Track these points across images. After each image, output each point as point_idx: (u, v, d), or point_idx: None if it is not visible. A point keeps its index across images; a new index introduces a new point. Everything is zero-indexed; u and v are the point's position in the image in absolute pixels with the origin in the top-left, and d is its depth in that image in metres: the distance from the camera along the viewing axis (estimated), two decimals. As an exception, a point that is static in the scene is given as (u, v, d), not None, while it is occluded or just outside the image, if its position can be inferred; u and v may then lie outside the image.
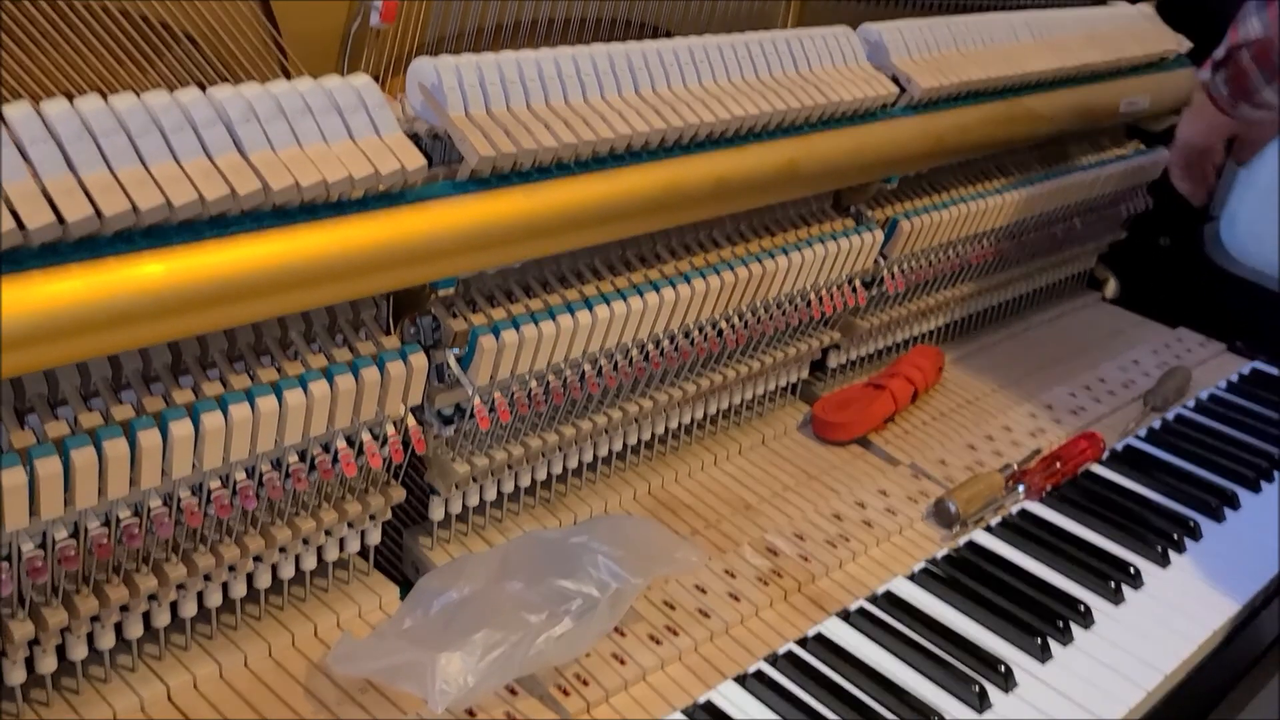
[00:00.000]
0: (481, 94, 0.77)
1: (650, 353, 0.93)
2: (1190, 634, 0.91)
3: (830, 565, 0.94)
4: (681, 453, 1.06)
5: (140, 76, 0.70)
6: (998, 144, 1.19)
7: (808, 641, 0.86)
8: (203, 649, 0.78)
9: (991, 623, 0.89)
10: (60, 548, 0.65)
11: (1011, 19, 1.21)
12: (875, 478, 1.07)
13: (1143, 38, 1.38)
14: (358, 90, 0.70)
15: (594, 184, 0.81)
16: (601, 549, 0.82)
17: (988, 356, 1.34)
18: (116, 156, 0.61)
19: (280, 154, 0.66)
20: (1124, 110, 1.34)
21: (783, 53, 0.96)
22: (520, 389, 0.85)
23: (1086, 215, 1.40)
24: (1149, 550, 1.00)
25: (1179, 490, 1.10)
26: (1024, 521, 1.03)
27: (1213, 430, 1.22)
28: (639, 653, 0.82)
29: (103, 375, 0.68)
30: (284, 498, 0.77)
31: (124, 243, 0.61)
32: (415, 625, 0.77)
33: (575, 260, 0.89)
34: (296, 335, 0.75)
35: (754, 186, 0.93)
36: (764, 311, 1.01)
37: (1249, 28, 1.12)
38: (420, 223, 0.72)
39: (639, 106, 0.84)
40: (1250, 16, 1.13)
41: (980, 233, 1.23)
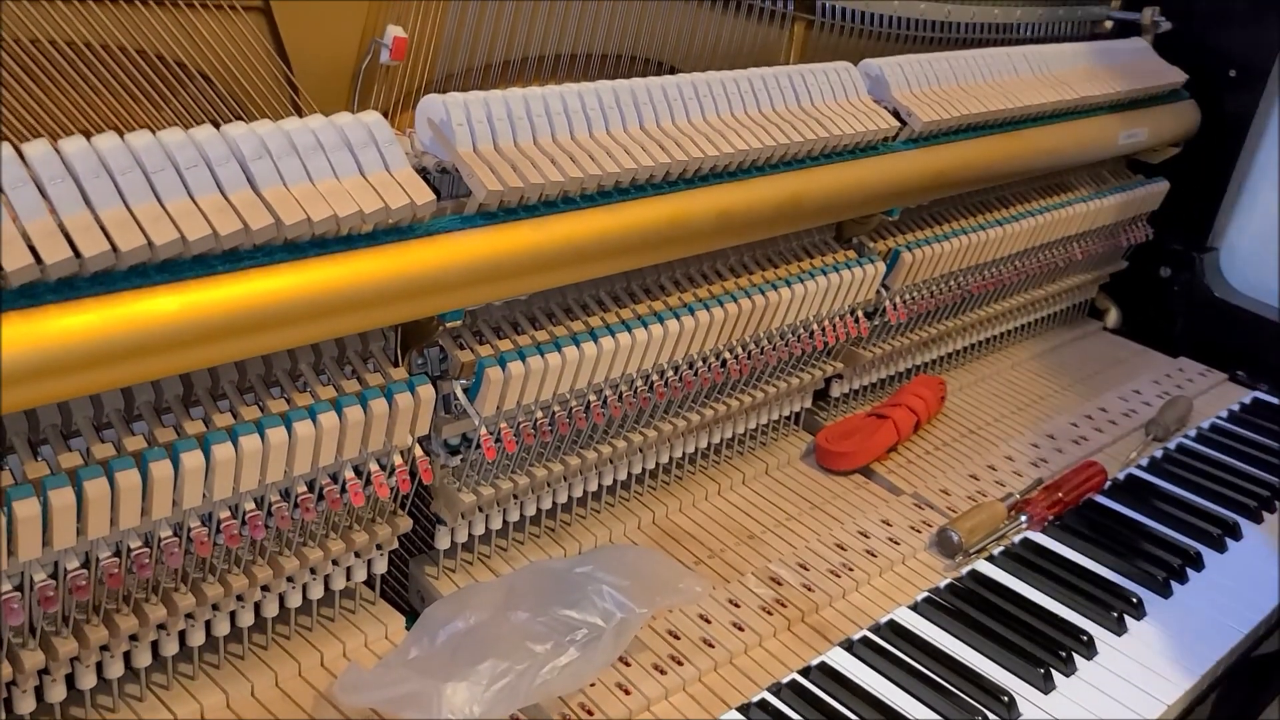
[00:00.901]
0: (489, 130, 0.78)
1: (654, 383, 0.94)
2: (1193, 664, 0.92)
3: (834, 595, 0.94)
4: (685, 482, 1.07)
5: (155, 114, 0.72)
6: (998, 177, 1.21)
7: (811, 671, 0.86)
8: (210, 678, 0.78)
9: (994, 652, 0.90)
10: (71, 577, 0.66)
11: (1011, 53, 1.23)
12: (878, 507, 1.08)
13: (1141, 71, 1.40)
14: (368, 126, 0.72)
15: (599, 218, 0.82)
16: (606, 579, 0.82)
17: (990, 386, 1.35)
18: (132, 193, 0.62)
19: (292, 189, 0.67)
20: (1123, 142, 1.36)
21: (785, 87, 0.98)
22: (526, 419, 0.86)
23: (1087, 245, 1.41)
24: (1151, 580, 1.00)
25: (1181, 520, 1.10)
26: (1027, 551, 1.03)
27: (1214, 460, 1.23)
28: (644, 682, 0.82)
29: (115, 407, 0.69)
30: (292, 527, 0.78)
31: (138, 277, 0.62)
32: (421, 655, 0.77)
33: (581, 292, 0.90)
34: (306, 367, 0.76)
35: (757, 219, 0.94)
36: (767, 342, 1.02)
37: None
38: (428, 256, 0.73)
39: (644, 141, 0.85)
40: None
41: (981, 264, 1.24)
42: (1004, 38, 1.33)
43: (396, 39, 0.79)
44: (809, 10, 1.10)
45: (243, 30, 0.74)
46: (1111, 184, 1.43)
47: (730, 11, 1.03)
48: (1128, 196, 1.42)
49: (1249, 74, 1.47)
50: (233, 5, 0.73)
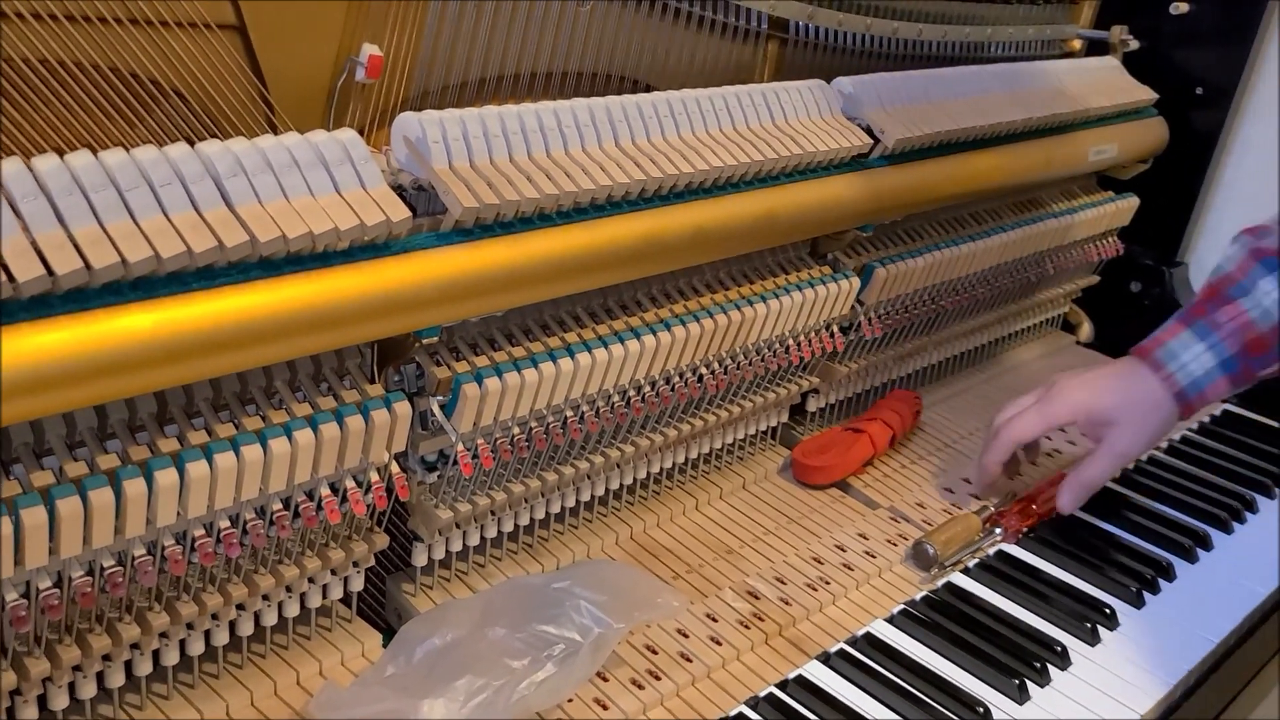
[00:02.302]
0: (465, 147, 0.78)
1: (631, 398, 0.94)
2: (1166, 673, 0.92)
3: (811, 608, 0.95)
4: (663, 497, 1.07)
5: (129, 132, 0.72)
6: (970, 193, 1.22)
7: (788, 684, 0.86)
8: (184, 698, 0.78)
9: (970, 664, 0.90)
10: (44, 596, 0.65)
11: (982, 71, 1.24)
12: (855, 521, 1.08)
13: (1110, 89, 1.42)
14: (343, 144, 0.72)
15: (575, 234, 0.83)
16: (583, 594, 0.82)
17: (965, 400, 1.36)
18: (106, 210, 0.62)
19: (267, 207, 0.67)
20: (1093, 159, 1.38)
21: (759, 105, 0.99)
22: (503, 435, 0.86)
23: (1058, 260, 1.42)
24: (1124, 591, 1.01)
25: (1153, 532, 1.11)
26: (1001, 563, 1.04)
27: (1185, 472, 1.24)
28: (621, 697, 0.82)
29: (89, 425, 0.68)
30: (268, 545, 0.77)
31: (112, 294, 0.62)
32: (398, 672, 0.77)
33: (557, 308, 0.91)
34: (281, 384, 0.75)
35: (732, 235, 0.95)
36: (743, 357, 1.03)
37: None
38: (404, 273, 0.73)
39: (619, 158, 0.86)
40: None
41: (955, 279, 1.25)
42: (975, 56, 1.35)
43: (372, 57, 0.79)
44: (783, 29, 1.11)
45: (217, 48, 0.74)
46: (1082, 200, 1.45)
47: (705, 30, 1.04)
48: (1098, 212, 1.43)
49: (1216, 92, 1.49)
50: (207, 23, 0.73)
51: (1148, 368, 1.00)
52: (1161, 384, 0.99)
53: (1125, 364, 1.02)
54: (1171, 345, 0.99)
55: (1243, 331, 0.95)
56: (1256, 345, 0.95)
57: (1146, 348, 1.01)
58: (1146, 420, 1.00)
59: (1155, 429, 1.00)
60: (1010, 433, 1.06)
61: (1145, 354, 1.01)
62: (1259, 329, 0.95)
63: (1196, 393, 0.98)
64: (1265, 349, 0.95)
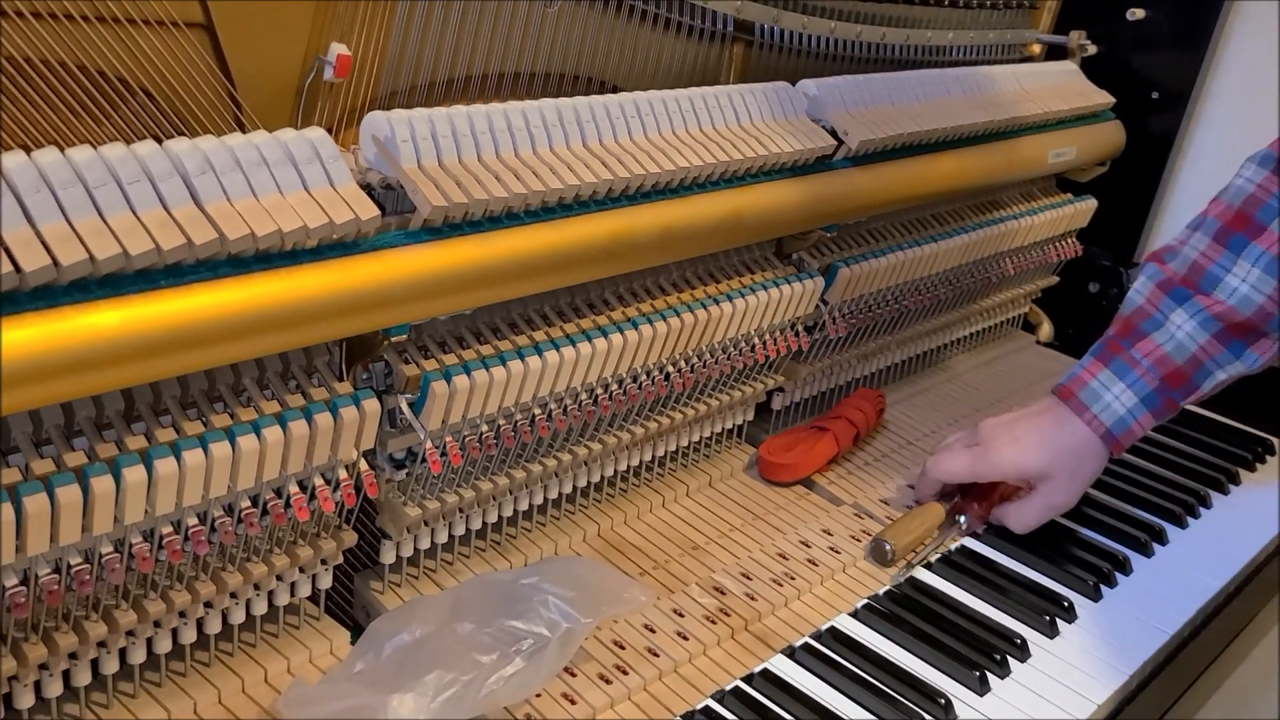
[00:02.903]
0: (434, 146, 0.79)
1: (599, 397, 0.95)
2: (1122, 665, 0.94)
3: (776, 603, 0.96)
4: (630, 495, 1.08)
5: (96, 129, 0.72)
6: (932, 195, 1.24)
7: (754, 678, 0.87)
8: (151, 696, 0.78)
9: (932, 657, 0.92)
10: (10, 595, 0.65)
11: (944, 75, 1.26)
12: (819, 517, 1.10)
13: (1069, 93, 1.44)
14: (312, 143, 0.72)
15: (543, 233, 0.83)
16: (552, 590, 0.83)
17: (927, 399, 1.38)
18: (74, 208, 0.62)
19: (236, 205, 0.68)
20: (1052, 161, 1.40)
21: (725, 106, 1.00)
22: (472, 433, 0.86)
23: (1018, 261, 1.45)
24: (1082, 585, 1.03)
25: (1109, 527, 1.14)
26: (962, 558, 1.06)
27: (1141, 468, 1.27)
28: (589, 692, 0.83)
29: (55, 422, 0.68)
30: (236, 543, 0.77)
31: (80, 292, 0.62)
32: (367, 668, 0.77)
33: (525, 307, 0.91)
34: (250, 381, 0.76)
35: (699, 235, 0.96)
36: (709, 356, 1.04)
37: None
38: (373, 271, 0.74)
39: (587, 158, 0.86)
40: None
41: (917, 279, 1.27)
42: (937, 60, 1.37)
43: (340, 56, 0.80)
44: (748, 32, 1.13)
45: (185, 46, 0.74)
46: (1042, 202, 1.48)
47: (671, 32, 1.05)
48: (1057, 214, 1.46)
49: (1171, 96, 1.52)
50: (175, 22, 0.73)
51: (1072, 411, 1.00)
52: (1087, 427, 1.00)
53: (1050, 410, 1.03)
54: (1093, 386, 1.00)
55: (1159, 366, 0.96)
56: (1175, 378, 0.95)
57: (1069, 389, 1.01)
58: (1079, 470, 1.01)
59: (1087, 476, 1.02)
60: (936, 472, 1.08)
61: (1069, 395, 1.01)
62: (1175, 362, 0.95)
63: (1123, 430, 0.99)
64: (1183, 380, 0.95)
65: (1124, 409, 0.97)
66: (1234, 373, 0.97)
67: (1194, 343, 0.94)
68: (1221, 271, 0.94)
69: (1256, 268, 0.92)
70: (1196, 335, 0.95)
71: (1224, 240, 0.95)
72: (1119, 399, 0.97)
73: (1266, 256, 0.92)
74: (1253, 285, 0.93)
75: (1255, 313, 0.94)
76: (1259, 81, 1.46)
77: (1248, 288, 0.93)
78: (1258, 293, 0.93)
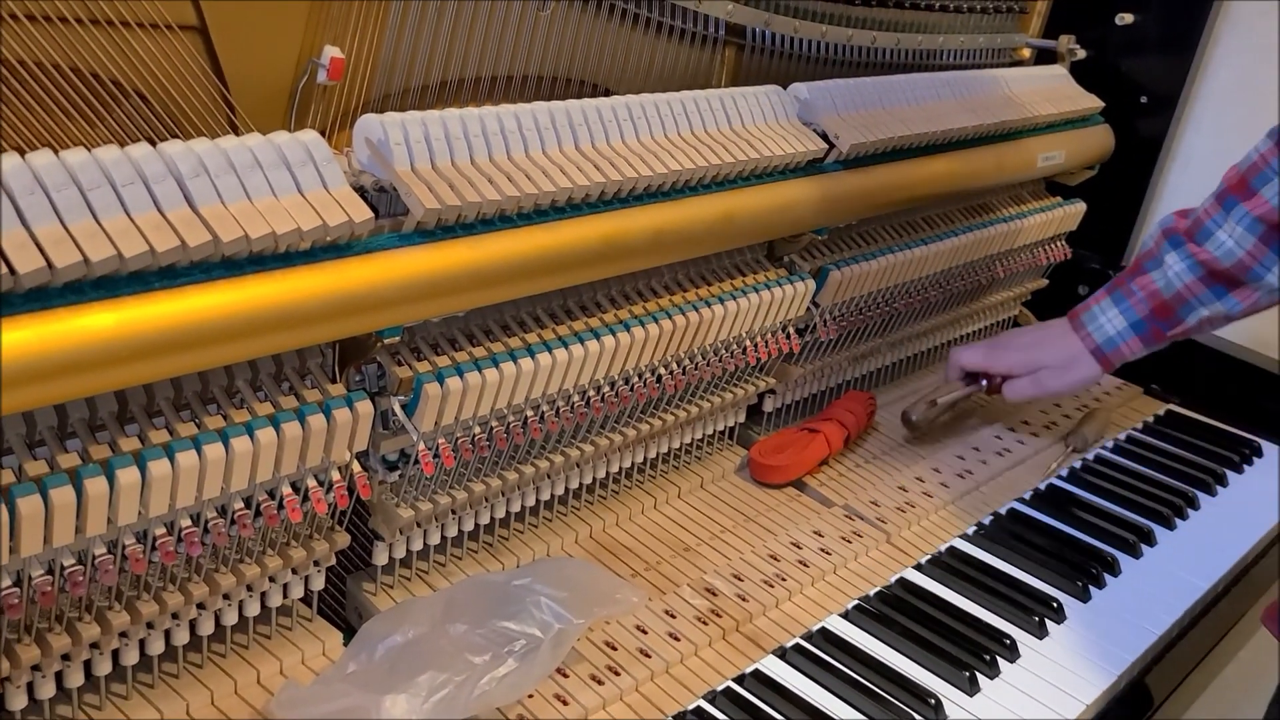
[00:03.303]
0: (427, 149, 0.79)
1: (591, 398, 0.95)
2: (1110, 665, 0.95)
3: (767, 604, 0.97)
4: (622, 496, 1.08)
5: (90, 132, 0.72)
6: (922, 198, 1.24)
7: (745, 678, 0.88)
8: (144, 698, 0.78)
9: (922, 657, 0.92)
10: (3, 596, 0.65)
11: (934, 79, 1.27)
12: (810, 519, 1.10)
13: (1058, 97, 1.45)
14: (306, 145, 0.72)
15: (536, 235, 0.84)
16: (544, 591, 0.83)
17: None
18: (68, 210, 0.62)
19: (230, 207, 0.68)
20: (1041, 165, 1.41)
21: (717, 110, 1.00)
22: (464, 434, 0.87)
23: (1008, 264, 1.46)
24: (1071, 585, 1.04)
25: (1099, 528, 1.14)
26: (952, 559, 1.07)
27: (1131, 470, 1.27)
28: (581, 693, 0.84)
29: (49, 424, 0.68)
30: (229, 544, 0.78)
31: (74, 294, 0.62)
32: (359, 669, 0.77)
33: (518, 309, 0.92)
34: (243, 383, 0.76)
35: (691, 238, 0.96)
36: (701, 358, 1.04)
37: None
38: (366, 273, 0.74)
39: (579, 161, 0.87)
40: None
41: (908, 281, 1.27)
42: (928, 64, 1.37)
43: (334, 59, 0.80)
44: (740, 35, 1.13)
45: (179, 49, 0.74)
46: (1031, 205, 1.48)
47: (663, 36, 1.05)
48: (1047, 217, 1.47)
49: (1160, 100, 1.53)
50: (169, 24, 0.73)
51: (1072, 329, 1.19)
52: (1081, 342, 1.17)
53: (1057, 326, 1.22)
54: (1093, 310, 1.18)
55: (1151, 299, 1.12)
56: (1162, 310, 1.12)
57: (1076, 312, 1.20)
58: (1070, 370, 1.19)
59: (1078, 379, 1.20)
60: (957, 356, 1.28)
61: (1074, 317, 1.20)
62: (1163, 296, 1.12)
63: (1111, 349, 1.16)
64: (1169, 313, 1.12)
65: (1114, 330, 1.15)
66: (1216, 311, 1.11)
67: (1181, 281, 1.10)
68: (1214, 227, 1.09)
69: (1240, 226, 1.07)
70: (1184, 276, 1.11)
71: (1221, 201, 1.10)
72: (1111, 322, 1.15)
73: (1250, 218, 1.06)
74: (1236, 241, 1.08)
75: (1235, 265, 1.08)
76: (1247, 85, 1.47)
77: (1232, 243, 1.08)
78: (1239, 248, 1.07)
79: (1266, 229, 1.05)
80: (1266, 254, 1.06)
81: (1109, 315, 1.15)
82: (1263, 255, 1.06)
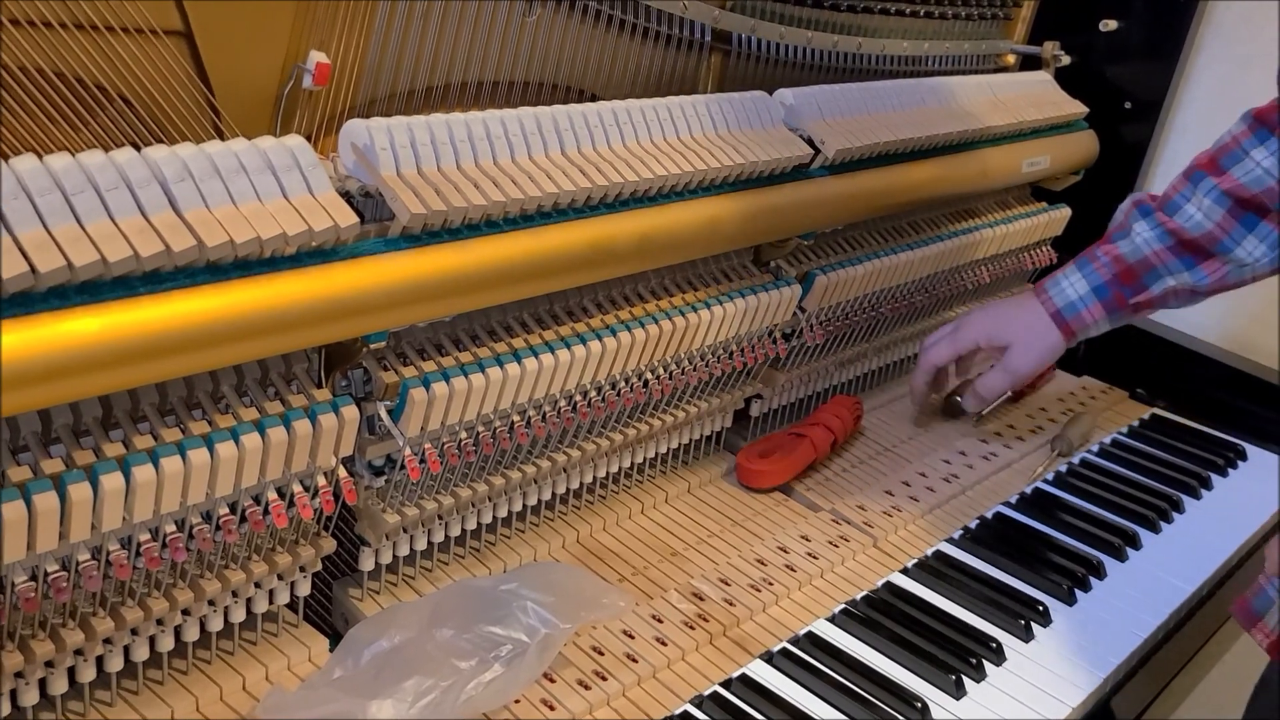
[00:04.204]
0: (413, 154, 0.79)
1: (578, 404, 0.95)
2: (1096, 668, 0.95)
3: (754, 609, 0.97)
4: (609, 501, 1.08)
5: (74, 136, 0.72)
6: (908, 203, 1.25)
7: (732, 683, 0.88)
8: (128, 704, 0.77)
9: (908, 661, 0.93)
10: (-14, 602, 0.65)
11: (919, 85, 1.28)
12: (797, 523, 1.11)
13: (1043, 103, 1.46)
14: (291, 150, 0.72)
15: (522, 241, 0.84)
16: (531, 595, 0.83)
17: (904, 405, 1.38)
18: (51, 215, 0.62)
19: (215, 212, 0.68)
20: (1026, 170, 1.42)
21: (703, 115, 1.01)
22: (450, 440, 0.87)
23: (993, 269, 1.46)
24: (1057, 589, 1.05)
25: (1084, 531, 1.15)
26: (938, 563, 1.07)
27: (1115, 474, 1.28)
28: (568, 698, 0.83)
29: (32, 429, 0.68)
30: (214, 549, 0.77)
31: (58, 298, 0.62)
32: (346, 675, 0.77)
33: (504, 314, 0.92)
34: (228, 388, 0.76)
35: (677, 243, 0.97)
36: (688, 363, 1.05)
37: None
38: (352, 278, 0.74)
39: (565, 166, 0.87)
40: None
41: (894, 286, 1.28)
42: (913, 69, 1.38)
43: (319, 64, 0.80)
44: (726, 41, 1.14)
45: (164, 54, 0.74)
46: (1016, 210, 1.49)
47: (649, 42, 1.06)
48: (1032, 222, 1.48)
49: (1144, 106, 1.54)
50: (153, 29, 0.73)
51: (1034, 295, 1.18)
52: (1041, 306, 1.16)
53: (1022, 295, 1.20)
54: (1057, 277, 1.17)
55: (1115, 264, 1.12)
56: (1127, 275, 1.11)
57: (1041, 282, 1.19)
58: (1035, 341, 1.16)
59: (1043, 350, 1.17)
60: (926, 358, 1.24)
61: (1038, 286, 1.19)
62: (1128, 261, 1.11)
63: (1073, 314, 1.14)
64: (1134, 278, 1.11)
65: (1075, 295, 1.13)
66: (1183, 282, 1.10)
67: (1149, 248, 1.10)
68: (1182, 201, 1.09)
69: (1208, 199, 1.07)
70: (1152, 243, 1.10)
71: (1189, 175, 1.10)
72: (1073, 286, 1.14)
73: (1218, 190, 1.06)
74: (1204, 214, 1.07)
75: (1203, 235, 1.08)
76: (1230, 91, 1.48)
77: (1200, 215, 1.08)
78: (1208, 220, 1.07)
79: (1234, 203, 1.05)
80: (1235, 227, 1.06)
81: (1071, 280, 1.14)
82: (1231, 228, 1.06)
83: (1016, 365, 1.18)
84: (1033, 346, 1.16)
